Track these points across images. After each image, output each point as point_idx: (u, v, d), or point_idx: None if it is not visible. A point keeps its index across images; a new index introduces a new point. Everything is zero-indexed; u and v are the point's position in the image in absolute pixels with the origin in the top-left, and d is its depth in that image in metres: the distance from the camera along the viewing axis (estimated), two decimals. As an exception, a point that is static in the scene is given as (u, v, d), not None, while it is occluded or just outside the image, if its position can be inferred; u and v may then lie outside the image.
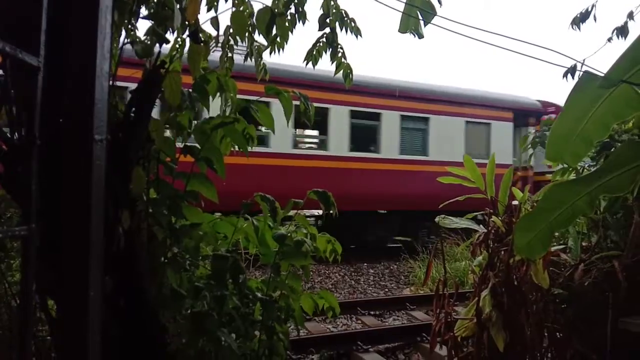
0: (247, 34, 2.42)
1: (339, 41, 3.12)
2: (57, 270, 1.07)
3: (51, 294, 1.57)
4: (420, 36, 2.59)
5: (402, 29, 2.58)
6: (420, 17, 2.48)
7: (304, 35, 2.91)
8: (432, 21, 2.48)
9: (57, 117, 0.97)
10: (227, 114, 2.35)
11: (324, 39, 3.09)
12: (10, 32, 0.90)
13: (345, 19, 3.03)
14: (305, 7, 2.85)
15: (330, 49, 3.12)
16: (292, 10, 2.77)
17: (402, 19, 2.54)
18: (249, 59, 2.80)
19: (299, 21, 2.83)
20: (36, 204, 0.80)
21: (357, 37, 3.16)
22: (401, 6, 2.46)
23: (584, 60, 2.23)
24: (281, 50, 2.96)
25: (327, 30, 3.06)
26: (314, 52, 3.13)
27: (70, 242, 0.91)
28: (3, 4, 1.14)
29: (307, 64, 3.18)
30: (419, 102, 12.67)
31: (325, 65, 3.30)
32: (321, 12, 3.00)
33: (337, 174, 11.30)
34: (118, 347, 1.65)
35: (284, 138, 10.85)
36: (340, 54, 3.14)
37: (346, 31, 3.11)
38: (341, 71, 3.21)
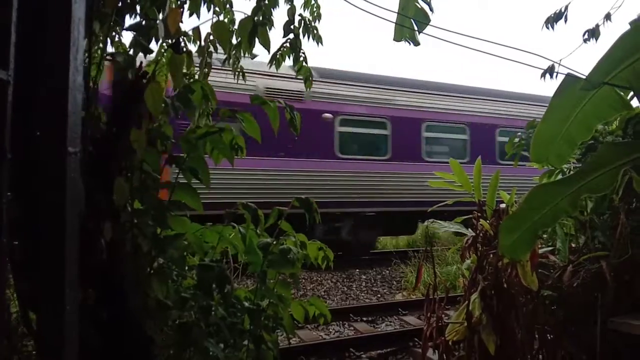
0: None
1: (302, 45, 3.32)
2: (35, 284, 1.05)
3: (32, 308, 1.55)
4: (417, 43, 2.56)
5: (397, 37, 2.56)
6: (415, 28, 2.46)
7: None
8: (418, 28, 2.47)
9: (31, 130, 0.96)
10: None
11: (288, 44, 3.25)
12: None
13: (309, 26, 3.23)
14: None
15: (293, 54, 3.30)
16: (260, 17, 2.85)
17: (396, 27, 2.53)
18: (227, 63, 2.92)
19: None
20: (8, 218, 0.79)
21: (318, 44, 3.39)
22: (393, 15, 2.45)
23: (560, 60, 2.25)
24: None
25: (291, 36, 3.22)
26: (278, 56, 3.30)
27: (46, 257, 0.90)
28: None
29: (270, 67, 3.35)
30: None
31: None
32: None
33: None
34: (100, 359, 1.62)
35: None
36: (302, 58, 3.33)
37: (308, 38, 3.32)
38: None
